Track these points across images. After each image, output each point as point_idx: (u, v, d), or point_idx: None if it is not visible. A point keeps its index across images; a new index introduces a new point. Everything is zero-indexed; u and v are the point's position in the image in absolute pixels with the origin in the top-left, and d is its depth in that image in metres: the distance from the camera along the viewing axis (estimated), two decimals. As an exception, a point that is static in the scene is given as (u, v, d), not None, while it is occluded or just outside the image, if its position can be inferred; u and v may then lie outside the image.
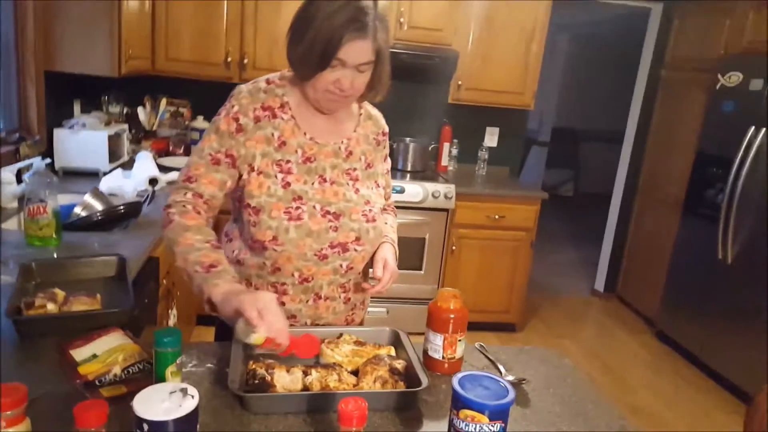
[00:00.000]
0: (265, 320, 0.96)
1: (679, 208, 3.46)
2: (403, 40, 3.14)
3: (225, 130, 1.17)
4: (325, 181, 1.20)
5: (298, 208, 1.16)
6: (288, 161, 1.18)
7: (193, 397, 0.74)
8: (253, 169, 1.17)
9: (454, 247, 3.22)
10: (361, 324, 1.39)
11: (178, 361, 0.91)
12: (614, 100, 5.67)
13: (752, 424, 1.16)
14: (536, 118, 6.49)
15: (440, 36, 3.18)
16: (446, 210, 3.15)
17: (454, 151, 3.61)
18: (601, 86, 6.69)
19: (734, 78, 3.09)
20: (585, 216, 6.04)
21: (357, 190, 1.23)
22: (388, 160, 1.38)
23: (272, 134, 1.18)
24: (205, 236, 1.13)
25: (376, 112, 1.34)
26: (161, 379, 0.90)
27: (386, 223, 1.35)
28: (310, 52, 1.09)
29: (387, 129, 1.35)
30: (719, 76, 3.18)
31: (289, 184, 1.17)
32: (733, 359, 2.98)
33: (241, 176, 1.18)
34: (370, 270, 1.29)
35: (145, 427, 0.71)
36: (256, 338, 0.96)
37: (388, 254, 1.28)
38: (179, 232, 1.13)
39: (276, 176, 1.17)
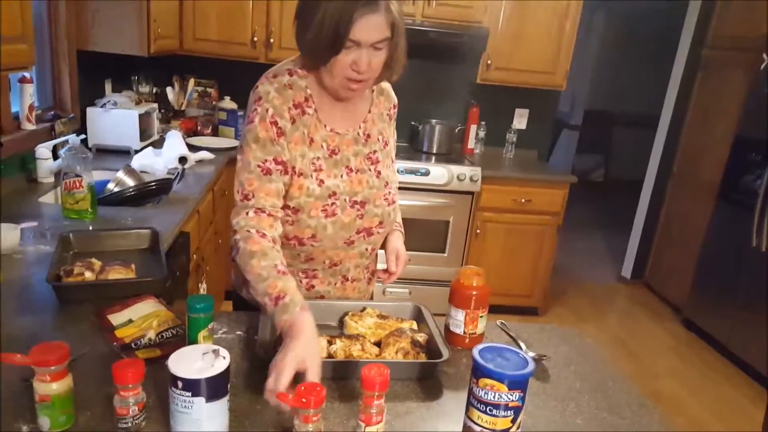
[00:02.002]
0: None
1: (714, 194, 3.36)
2: (430, 17, 3.10)
3: (266, 138, 1.11)
4: (351, 171, 1.19)
5: (333, 204, 1.17)
6: (318, 158, 1.16)
7: (224, 358, 0.78)
8: (295, 172, 1.15)
9: (478, 231, 3.21)
10: (372, 296, 1.42)
11: (209, 326, 0.95)
12: (650, 83, 5.49)
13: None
14: (568, 101, 6.34)
15: (470, 12, 3.12)
16: (471, 193, 3.13)
17: (482, 134, 3.57)
18: (637, 68, 6.47)
19: (780, 57, 2.96)
20: (615, 202, 5.92)
21: (378, 174, 1.23)
22: (395, 133, 1.35)
23: (304, 133, 1.15)
24: (270, 261, 1.04)
25: (386, 86, 1.30)
26: (194, 342, 0.94)
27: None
28: (320, 35, 1.03)
29: (396, 101, 1.32)
30: (764, 55, 3.04)
31: (323, 181, 1.16)
32: (761, 349, 2.92)
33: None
34: (380, 252, 1.30)
35: (180, 384, 0.75)
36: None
37: (399, 244, 1.29)
38: (246, 260, 1.05)
39: (312, 176, 1.15)
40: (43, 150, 2.04)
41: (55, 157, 2.10)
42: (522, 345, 1.18)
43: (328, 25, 1.02)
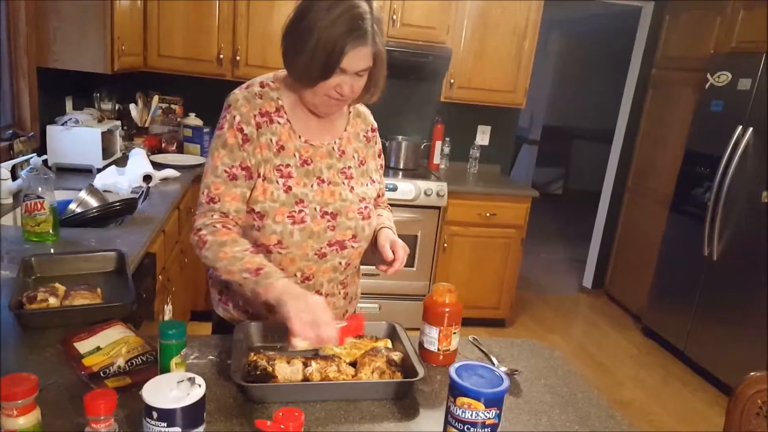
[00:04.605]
0: (314, 330, 1.02)
1: (667, 206, 3.52)
2: (395, 37, 3.17)
3: (233, 143, 1.17)
4: (323, 182, 1.22)
5: (300, 211, 1.18)
6: (288, 165, 1.19)
7: (200, 386, 0.77)
8: (260, 176, 1.18)
9: (445, 245, 3.26)
10: None
11: (182, 353, 0.93)
12: (604, 99, 5.74)
13: (734, 413, 1.20)
14: (527, 117, 6.55)
15: (433, 34, 3.21)
16: (438, 208, 3.18)
17: (446, 149, 3.64)
18: (591, 85, 6.75)
19: (723, 77, 3.13)
20: (574, 214, 6.11)
21: (352, 189, 1.25)
22: (382, 156, 1.40)
23: (271, 140, 1.19)
24: (242, 246, 1.14)
25: (364, 109, 1.35)
26: (166, 370, 0.92)
27: (380, 215, 1.37)
28: (312, 62, 1.08)
29: (375, 125, 1.36)
30: (708, 75, 3.23)
31: (290, 188, 1.18)
32: (717, 354, 3.06)
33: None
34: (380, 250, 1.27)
35: (155, 414, 0.73)
36: (301, 345, 1.02)
37: (391, 235, 1.29)
38: (216, 249, 1.13)
39: (277, 181, 1.18)
40: (2, 170, 1.97)
41: (14, 177, 2.03)
42: (494, 360, 1.20)
43: (321, 54, 1.07)
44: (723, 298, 3.03)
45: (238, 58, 3.04)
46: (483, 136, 3.79)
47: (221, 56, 3.03)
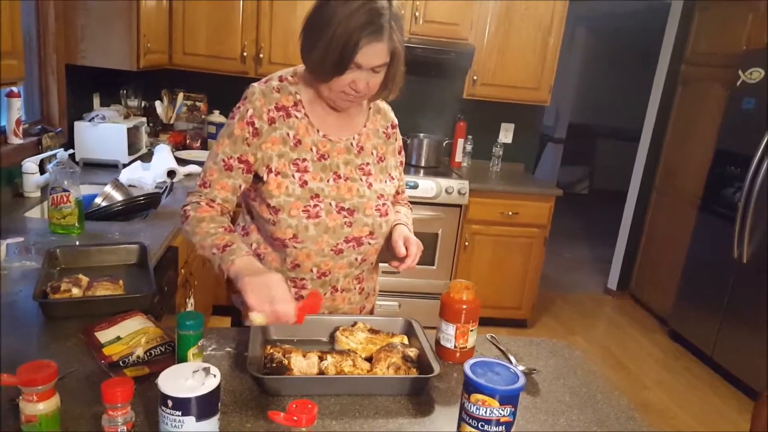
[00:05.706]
0: (270, 305, 0.98)
1: (696, 206, 3.43)
2: (418, 34, 3.15)
3: (239, 136, 1.17)
4: (339, 177, 1.21)
5: (315, 206, 1.18)
6: (304, 159, 1.19)
7: (215, 376, 0.78)
8: (270, 170, 1.18)
9: (466, 243, 3.23)
10: (371, 312, 1.42)
11: (199, 344, 0.94)
12: (631, 97, 5.61)
13: (760, 417, 1.16)
14: (552, 115, 6.45)
15: (456, 30, 3.18)
16: (459, 206, 3.16)
17: (469, 147, 3.61)
18: (618, 82, 6.62)
19: (755, 74, 3.02)
20: (600, 214, 6.00)
21: (370, 185, 1.24)
22: (403, 153, 1.39)
23: (287, 134, 1.19)
24: (218, 223, 1.16)
25: (384, 105, 1.34)
26: (183, 360, 0.93)
27: (398, 212, 1.36)
28: (326, 56, 1.08)
29: (396, 121, 1.36)
30: (740, 72, 3.13)
31: (306, 182, 1.18)
32: (745, 359, 2.96)
33: (260, 177, 1.20)
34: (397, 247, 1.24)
35: (170, 403, 0.74)
36: (258, 320, 0.99)
37: (407, 231, 1.28)
38: (195, 224, 1.16)
39: (293, 176, 1.18)
40: (30, 164, 2.03)
41: (42, 171, 2.08)
42: (512, 359, 1.19)
43: (335, 48, 1.07)
44: (753, 301, 2.93)
45: (261, 55, 3.07)
46: (506, 134, 3.75)
47: (245, 54, 3.06)
